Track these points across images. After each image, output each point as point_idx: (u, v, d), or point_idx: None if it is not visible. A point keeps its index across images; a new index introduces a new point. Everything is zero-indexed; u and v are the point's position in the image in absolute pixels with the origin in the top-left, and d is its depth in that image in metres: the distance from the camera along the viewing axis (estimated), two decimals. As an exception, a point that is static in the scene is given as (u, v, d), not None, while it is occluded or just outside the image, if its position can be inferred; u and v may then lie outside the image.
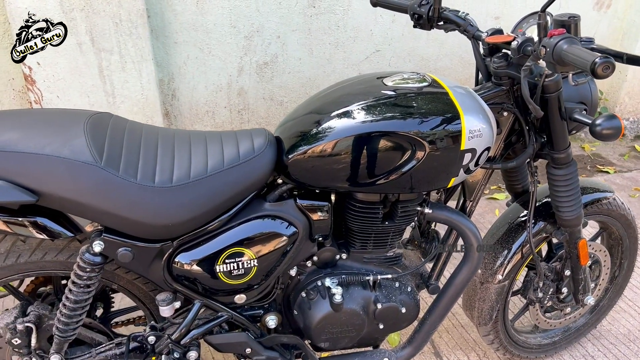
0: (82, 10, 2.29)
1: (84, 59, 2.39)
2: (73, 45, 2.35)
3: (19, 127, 1.14)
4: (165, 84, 2.72)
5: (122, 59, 2.44)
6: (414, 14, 1.50)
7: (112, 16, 2.34)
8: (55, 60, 2.36)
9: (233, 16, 2.66)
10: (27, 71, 2.35)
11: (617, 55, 1.14)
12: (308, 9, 2.74)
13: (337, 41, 2.86)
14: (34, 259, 1.26)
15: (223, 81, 2.80)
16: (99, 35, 2.36)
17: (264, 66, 2.82)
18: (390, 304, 1.42)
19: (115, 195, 1.12)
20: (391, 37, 2.94)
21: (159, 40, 2.60)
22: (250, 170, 1.23)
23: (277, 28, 2.74)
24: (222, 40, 2.70)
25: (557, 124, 1.36)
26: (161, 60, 2.65)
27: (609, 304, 1.92)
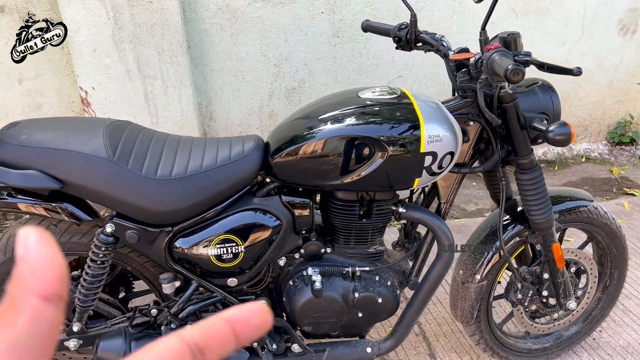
0: (131, 42, 2.64)
1: (132, 85, 2.73)
2: (122, 72, 2.69)
3: (52, 129, 1.42)
4: (203, 106, 3.02)
5: (164, 84, 2.76)
6: (395, 37, 1.69)
7: (156, 47, 2.68)
8: (107, 86, 2.71)
9: (264, 46, 2.94)
10: (83, 95, 2.72)
11: (540, 64, 1.28)
12: (332, 39, 2.98)
13: (360, 68, 3.07)
14: (63, 241, 1.52)
15: (255, 105, 3.08)
16: (145, 64, 2.70)
17: (292, 91, 3.07)
18: (368, 294, 1.58)
19: (123, 185, 1.37)
20: (412, 64, 3.12)
21: (197, 68, 2.92)
22: (238, 168, 1.45)
23: (304, 56, 3.00)
24: (254, 68, 2.98)
25: (516, 131, 1.49)
26: (200, 86, 2.96)
27: (602, 313, 1.96)
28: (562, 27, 3.26)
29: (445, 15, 3.06)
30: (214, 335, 0.29)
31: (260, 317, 0.31)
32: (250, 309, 0.31)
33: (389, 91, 1.51)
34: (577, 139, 3.67)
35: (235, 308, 0.30)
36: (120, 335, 1.51)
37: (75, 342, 1.56)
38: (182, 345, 0.28)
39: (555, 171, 3.47)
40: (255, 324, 0.31)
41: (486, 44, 1.32)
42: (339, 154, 1.39)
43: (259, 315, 0.31)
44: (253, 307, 0.31)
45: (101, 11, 2.54)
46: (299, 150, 1.41)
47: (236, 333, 0.30)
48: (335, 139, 1.39)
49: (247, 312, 0.30)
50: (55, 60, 2.78)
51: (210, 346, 0.29)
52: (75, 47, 2.60)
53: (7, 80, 2.76)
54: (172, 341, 0.28)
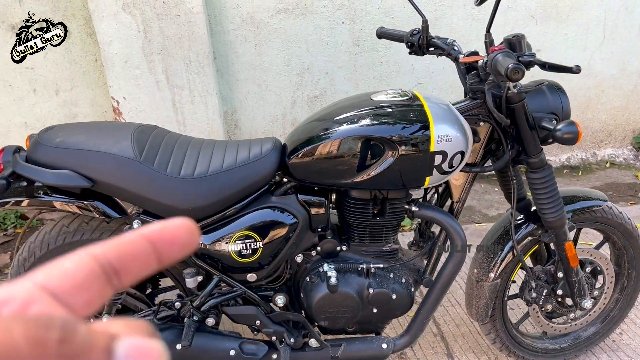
0: (160, 53, 2.76)
1: (161, 94, 2.85)
2: (152, 82, 2.82)
3: (84, 132, 1.53)
4: (229, 115, 3.13)
5: (192, 93, 2.88)
6: (407, 42, 1.75)
7: (184, 58, 2.80)
8: (137, 96, 2.84)
9: (286, 56, 3.03)
10: (115, 104, 2.85)
11: (542, 64, 1.33)
12: (353, 48, 3.06)
13: (381, 75, 3.14)
14: (94, 237, 1.62)
15: (278, 113, 3.17)
16: (173, 74, 2.82)
17: (314, 99, 3.15)
18: (382, 290, 1.63)
19: (149, 183, 1.46)
20: (432, 71, 3.17)
21: (223, 78, 3.03)
22: (257, 168, 1.53)
23: (325, 65, 3.08)
24: (277, 77, 3.08)
25: (525, 131, 1.53)
26: (225, 95, 3.07)
27: (620, 314, 1.96)
28: (583, 32, 3.26)
29: (464, 23, 3.11)
30: (131, 254, 0.25)
31: (186, 235, 0.27)
32: (174, 224, 0.27)
33: (401, 93, 1.57)
34: (601, 144, 3.65)
35: (158, 223, 0.27)
36: (146, 326, 1.59)
37: (104, 334, 1.65)
38: (93, 265, 0.24)
39: (579, 176, 3.46)
40: (181, 242, 0.27)
41: (491, 46, 1.37)
42: (352, 153, 1.46)
43: (185, 232, 0.27)
44: (178, 223, 0.27)
45: (132, 25, 2.67)
46: (314, 151, 1.49)
47: (158, 252, 0.26)
48: (348, 139, 1.46)
49: (170, 228, 0.27)
50: (89, 72, 2.93)
51: (127, 267, 0.25)
52: (108, 59, 2.74)
53: (45, 92, 2.91)
54: (80, 259, 0.24)
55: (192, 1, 2.69)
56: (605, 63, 3.39)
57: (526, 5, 3.15)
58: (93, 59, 2.90)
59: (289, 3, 2.93)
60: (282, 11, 2.94)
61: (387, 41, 3.07)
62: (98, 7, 2.63)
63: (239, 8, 2.90)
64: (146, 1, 2.65)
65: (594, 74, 3.42)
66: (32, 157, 1.48)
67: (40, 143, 1.48)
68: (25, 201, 1.50)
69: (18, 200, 1.50)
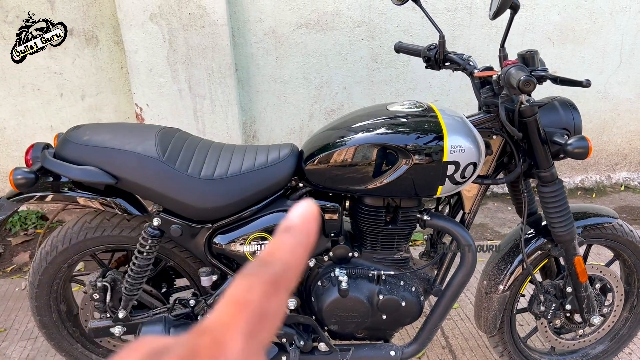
0: (183, 63, 2.85)
1: (183, 103, 2.94)
2: (175, 91, 2.90)
3: (110, 132, 1.60)
4: (248, 125, 3.20)
5: (213, 103, 2.96)
6: (424, 57, 1.80)
7: (206, 68, 2.88)
8: (160, 103, 2.93)
9: (306, 70, 3.11)
10: (138, 111, 2.94)
11: (554, 78, 1.37)
12: (371, 64, 3.13)
13: (398, 92, 3.20)
14: (114, 234, 1.68)
15: (296, 125, 3.23)
16: (195, 84, 2.90)
17: (331, 112, 3.21)
18: (392, 297, 1.66)
19: (171, 182, 1.52)
20: (449, 89, 3.22)
21: (244, 89, 3.11)
22: (274, 172, 1.59)
23: (344, 80, 3.15)
24: (296, 90, 3.15)
25: (537, 144, 1.56)
26: (245, 106, 3.14)
27: (630, 333, 1.96)
28: (600, 56, 3.30)
29: (481, 43, 3.16)
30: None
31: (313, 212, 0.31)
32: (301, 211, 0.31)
33: (416, 105, 1.62)
34: (616, 167, 3.65)
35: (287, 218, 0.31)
36: (161, 322, 1.64)
37: (120, 329, 1.70)
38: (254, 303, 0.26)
39: (593, 199, 3.46)
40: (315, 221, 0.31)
41: (505, 60, 1.42)
42: (366, 160, 1.51)
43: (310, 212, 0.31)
44: (303, 207, 0.31)
45: (158, 34, 2.77)
46: (330, 157, 1.53)
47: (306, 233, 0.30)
48: (364, 147, 1.50)
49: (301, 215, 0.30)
50: (114, 79, 3.03)
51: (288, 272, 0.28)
52: (133, 67, 2.83)
53: (72, 97, 3.01)
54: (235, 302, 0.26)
55: (217, 13, 2.78)
56: (622, 87, 3.41)
57: (544, 28, 3.20)
58: (119, 66, 3.00)
59: (310, 19, 3.01)
60: (303, 26, 3.02)
61: (405, 58, 3.14)
62: (126, 17, 2.73)
63: (262, 22, 2.98)
64: (173, 12, 2.74)
65: (610, 97, 3.44)
66: (59, 154, 1.55)
67: (68, 140, 1.55)
68: (50, 196, 1.57)
69: (44, 194, 1.57)
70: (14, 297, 2.54)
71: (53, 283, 1.75)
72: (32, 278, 1.74)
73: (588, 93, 3.37)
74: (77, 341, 1.87)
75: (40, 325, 1.81)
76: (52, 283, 1.75)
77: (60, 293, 1.80)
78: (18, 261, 2.84)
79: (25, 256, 2.88)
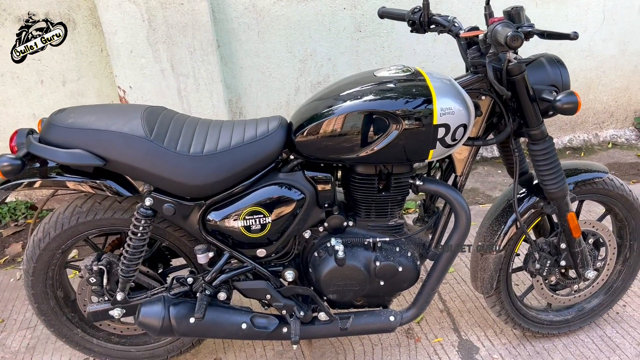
0: (164, 42, 2.80)
1: (166, 83, 2.89)
2: (157, 71, 2.85)
3: (95, 113, 1.57)
4: (233, 103, 3.16)
5: (196, 82, 2.92)
6: (409, 21, 1.78)
7: (188, 46, 2.83)
8: (143, 85, 2.88)
9: (289, 43, 3.07)
10: (121, 94, 2.89)
11: (541, 33, 1.36)
12: (355, 34, 3.09)
13: (383, 60, 3.17)
14: (107, 217, 1.66)
15: (282, 100, 3.20)
16: (178, 63, 2.85)
17: (317, 85, 3.19)
18: (389, 263, 1.67)
19: (160, 161, 1.50)
20: (434, 55, 3.20)
21: (227, 66, 3.06)
22: (264, 145, 1.57)
23: (328, 51, 3.11)
24: (281, 64, 3.11)
25: (526, 103, 1.56)
26: (230, 83, 3.10)
27: (623, 285, 2.00)
28: (583, 13, 3.28)
29: (464, 6, 3.13)
30: None
31: None
32: None
33: (403, 69, 1.60)
34: (603, 125, 3.67)
35: None
36: (160, 301, 1.64)
37: (118, 311, 1.70)
38: None
39: (582, 157, 3.48)
40: None
41: (490, 18, 1.41)
42: (356, 128, 1.49)
43: None
44: None
45: (136, 14, 2.71)
46: (320, 127, 1.52)
47: None
48: (353, 115, 1.49)
49: None
50: (95, 63, 2.97)
51: None
52: (114, 49, 2.77)
53: (53, 83, 2.96)
54: None
55: (195, -11, 2.72)
56: (606, 44, 3.40)
57: (526, -12, 3.17)
58: (99, 49, 2.94)
59: (290, -10, 2.96)
60: (284, -2, 2.97)
61: (389, 26, 3.11)
62: (103, -3, 2.66)
63: (241, -4, 2.93)
64: (150, -10, 2.68)
65: (594, 55, 3.44)
66: (45, 138, 1.52)
67: (53, 124, 1.52)
68: (38, 182, 1.54)
69: (32, 181, 1.54)
70: (9, 288, 2.52)
71: (48, 270, 1.73)
72: (27, 266, 1.73)
73: (573, 52, 3.37)
74: (76, 326, 1.86)
75: (38, 313, 1.80)
76: (47, 270, 1.73)
77: (56, 279, 1.79)
78: (11, 252, 2.82)
79: (18, 246, 2.86)
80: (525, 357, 1.95)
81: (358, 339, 2.07)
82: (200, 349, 2.04)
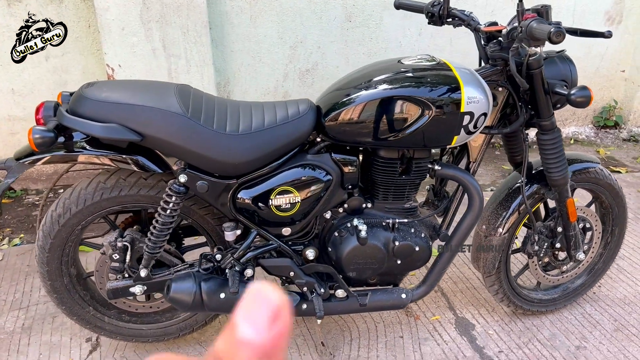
0: (158, 21, 2.76)
1: (157, 63, 2.85)
2: (149, 50, 2.81)
3: (127, 89, 1.56)
4: (222, 86, 3.16)
5: (188, 63, 2.89)
6: (428, 13, 1.87)
7: (181, 27, 2.81)
8: (133, 64, 2.83)
9: (280, 29, 3.09)
10: (110, 72, 2.83)
11: (574, 30, 1.48)
12: (345, 23, 3.16)
13: (370, 51, 3.25)
14: (132, 193, 1.65)
15: (270, 85, 3.23)
16: (170, 43, 2.82)
17: (305, 73, 3.23)
18: (407, 242, 1.75)
19: (197, 138, 1.52)
20: (418, 48, 3.31)
21: (218, 49, 3.05)
22: (296, 126, 1.62)
23: (318, 39, 3.16)
24: (271, 50, 3.13)
25: (540, 95, 1.69)
26: (219, 66, 3.10)
27: (604, 267, 2.19)
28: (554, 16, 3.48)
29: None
30: None
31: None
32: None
33: (429, 59, 1.69)
34: (566, 122, 3.93)
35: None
36: (190, 277, 1.65)
37: (140, 288, 1.70)
38: None
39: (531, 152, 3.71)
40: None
41: (523, 14, 1.52)
42: (388, 113, 1.57)
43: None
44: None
45: (131, -9, 2.66)
46: (352, 111, 1.58)
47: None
48: (386, 100, 1.56)
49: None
50: (81, 39, 2.88)
51: None
52: (105, 26, 2.71)
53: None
54: None
55: (192, -30, 2.70)
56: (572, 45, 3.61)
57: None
58: (86, 25, 2.85)
59: (283, -24, 2.98)
60: (277, -16, 2.99)
61: (378, 18, 3.20)
62: (96, -28, 2.59)
63: (235, -21, 2.93)
64: (146, -33, 2.63)
65: (561, 56, 3.66)
66: (76, 111, 1.50)
67: (86, 97, 1.50)
68: (71, 155, 1.53)
69: (63, 155, 1.52)
70: (-7, 268, 2.44)
71: (65, 246, 1.71)
72: (43, 242, 1.69)
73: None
74: (88, 304, 1.84)
75: (51, 290, 1.77)
76: (64, 246, 1.71)
77: (71, 257, 1.76)
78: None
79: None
80: (517, 332, 2.10)
81: (361, 317, 2.16)
82: (207, 327, 2.07)
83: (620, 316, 2.18)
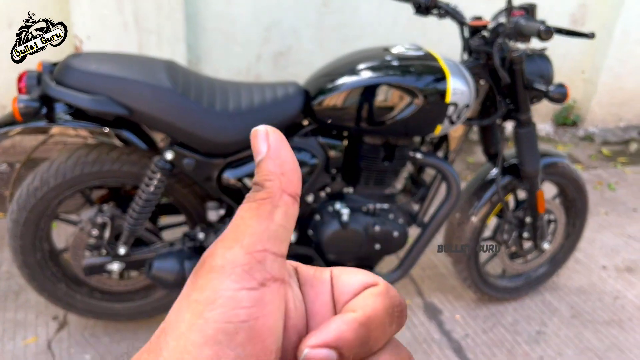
0: (131, -7, 2.67)
1: (127, 37, 2.76)
2: (120, 23, 2.72)
3: (116, 62, 1.52)
4: (193, 64, 3.09)
5: (160, 38, 2.82)
6: (415, 3, 1.90)
7: (155, 1, 2.72)
8: (102, 37, 2.73)
9: (256, 9, 3.05)
10: (77, 43, 2.72)
11: (559, 29, 1.55)
12: (321, 7, 3.15)
13: (345, 38, 3.26)
14: (114, 168, 1.61)
15: (242, 66, 3.19)
16: (142, 17, 2.74)
17: (279, 56, 3.21)
18: (386, 228, 1.80)
19: (188, 114, 1.50)
20: (391, 38, 3.34)
21: (189, 26, 2.99)
22: (286, 107, 1.62)
23: (293, 22, 3.14)
24: (245, 30, 3.09)
25: (520, 90, 1.75)
26: (191, 44, 3.03)
27: (564, 257, 2.30)
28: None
29: None
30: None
31: None
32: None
33: (416, 49, 1.72)
34: (527, 118, 4.07)
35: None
36: (173, 255, 1.64)
37: (118, 265, 1.67)
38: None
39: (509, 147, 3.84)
40: None
41: (511, 11, 1.57)
42: (377, 100, 1.59)
43: None
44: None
45: (105, -40, 2.56)
46: (342, 96, 1.60)
47: None
48: (377, 87, 1.59)
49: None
50: (48, 7, 2.76)
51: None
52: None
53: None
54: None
55: (170, -58, 2.62)
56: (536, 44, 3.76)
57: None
58: None
59: (262, -44, 2.94)
60: (254, -37, 2.95)
61: (354, 4, 3.20)
62: (69, -63, 2.48)
63: (212, -45, 2.86)
64: (122, -64, 2.54)
65: (525, 54, 3.79)
66: (62, 81, 1.45)
67: (73, 68, 1.46)
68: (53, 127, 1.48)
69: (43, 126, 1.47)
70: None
71: (40, 221, 1.66)
72: (17, 215, 1.63)
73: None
74: (60, 281, 1.79)
75: (22, 265, 1.71)
76: (39, 221, 1.65)
77: (45, 232, 1.71)
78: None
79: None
80: (482, 317, 2.19)
81: (333, 300, 2.19)
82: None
83: (576, 304, 2.30)
